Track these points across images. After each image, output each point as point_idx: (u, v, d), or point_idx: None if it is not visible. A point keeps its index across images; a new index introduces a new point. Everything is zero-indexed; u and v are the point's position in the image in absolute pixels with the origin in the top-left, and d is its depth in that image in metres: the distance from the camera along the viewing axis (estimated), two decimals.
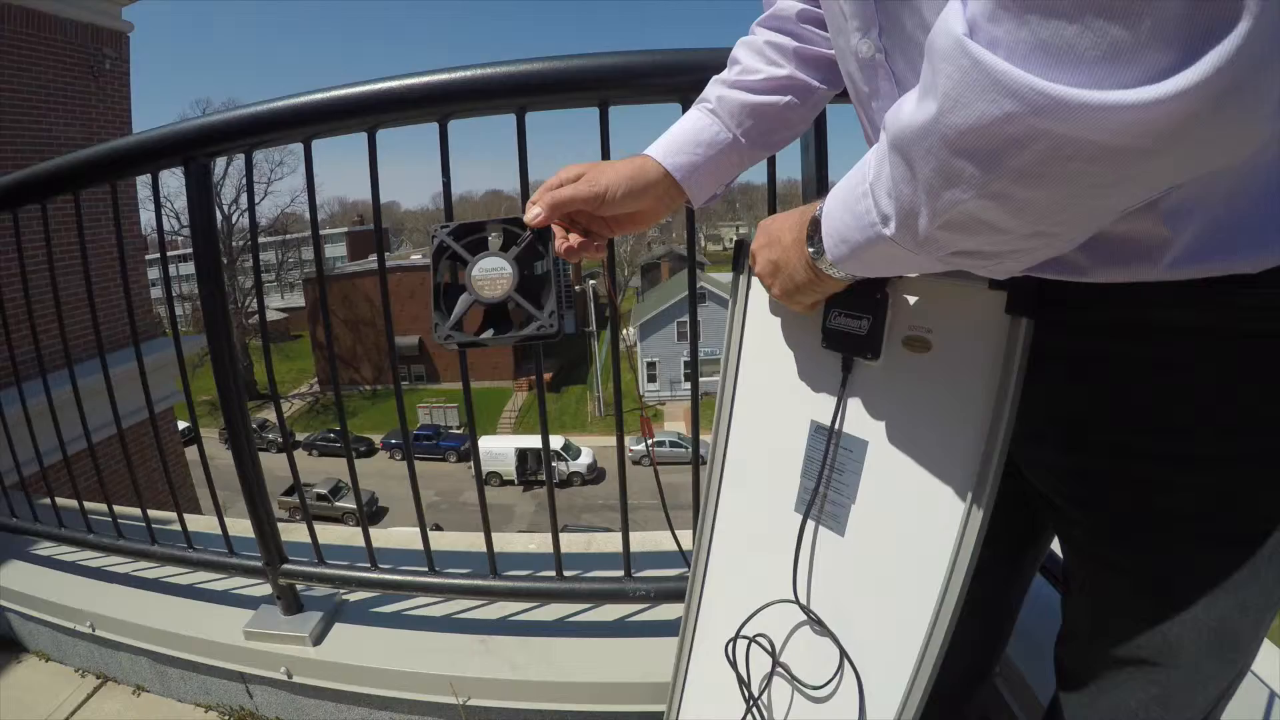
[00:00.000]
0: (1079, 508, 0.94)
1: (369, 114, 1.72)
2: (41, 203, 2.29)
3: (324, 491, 28.03)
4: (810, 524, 1.17)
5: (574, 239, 1.13)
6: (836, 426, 1.12)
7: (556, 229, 1.14)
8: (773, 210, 1.87)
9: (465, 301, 1.14)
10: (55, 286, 2.42)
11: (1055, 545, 1.19)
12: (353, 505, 27.27)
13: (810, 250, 0.91)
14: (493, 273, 1.13)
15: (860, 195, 0.76)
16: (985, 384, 0.94)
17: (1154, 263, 0.75)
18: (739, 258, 1.24)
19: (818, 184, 1.67)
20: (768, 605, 1.23)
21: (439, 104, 1.68)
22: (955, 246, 0.69)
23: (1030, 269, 0.81)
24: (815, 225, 0.88)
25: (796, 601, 1.18)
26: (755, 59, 1.18)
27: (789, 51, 1.16)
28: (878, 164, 0.72)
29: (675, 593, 2.03)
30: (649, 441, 1.66)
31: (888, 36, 0.84)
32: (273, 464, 2.38)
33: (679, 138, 1.17)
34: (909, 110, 0.63)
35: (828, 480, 1.14)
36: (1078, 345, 0.88)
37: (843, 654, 1.12)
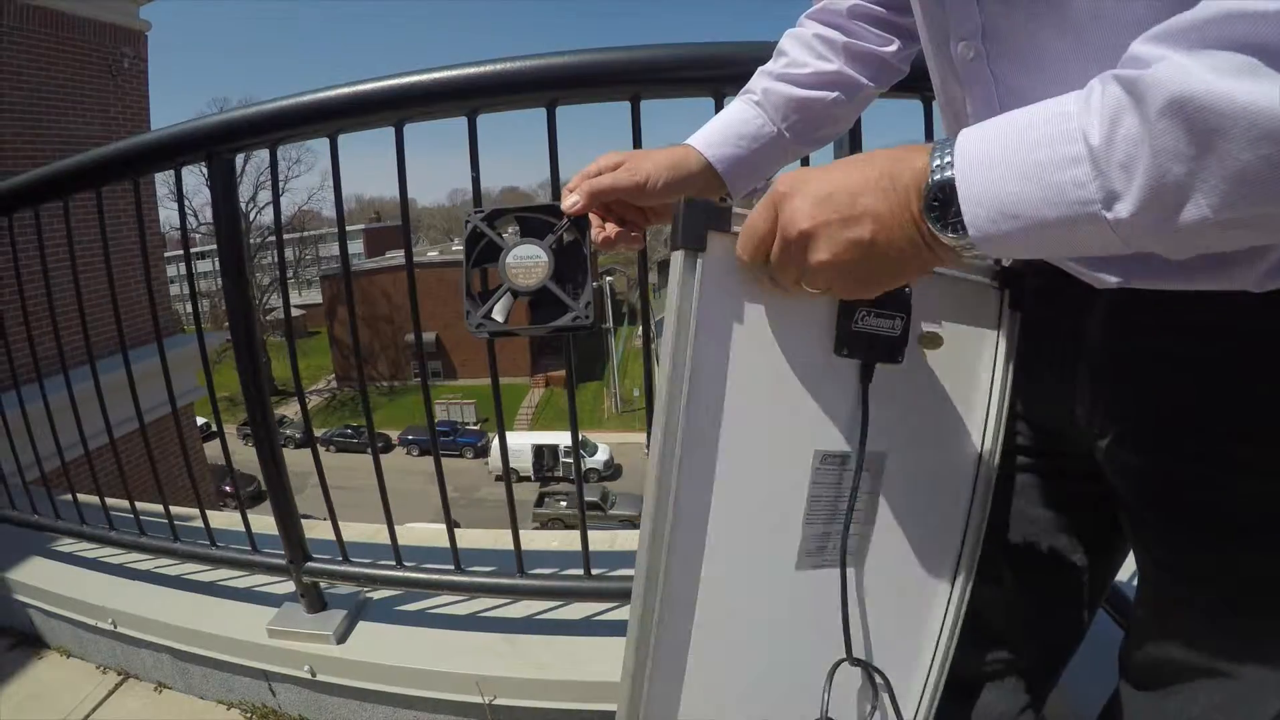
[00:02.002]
0: (1153, 509, 0.92)
1: (397, 108, 1.71)
2: (64, 199, 2.29)
3: (594, 499, 26.70)
4: (825, 571, 1.02)
5: (610, 229, 1.10)
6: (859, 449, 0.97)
7: (593, 218, 1.10)
8: None
9: (500, 290, 1.10)
10: (77, 283, 2.42)
11: None
12: (628, 511, 26.70)
13: (934, 226, 0.69)
14: (528, 261, 1.09)
15: (1065, 161, 0.60)
16: (992, 377, 0.96)
17: (1251, 270, 0.73)
18: (692, 229, 0.84)
19: None
20: (834, 669, 1.03)
21: (468, 98, 1.67)
22: (1218, 246, 0.59)
23: (1137, 277, 0.79)
24: (944, 192, 0.68)
25: (852, 658, 1.03)
26: (803, 52, 1.15)
27: (839, 46, 1.14)
28: (1109, 125, 0.57)
29: None
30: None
31: (991, 40, 0.80)
32: (292, 460, 2.37)
33: (723, 129, 1.15)
34: (1206, 74, 0.52)
35: (850, 513, 1.00)
36: (1163, 346, 0.85)
37: (876, 675, 1.06)
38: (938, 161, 0.68)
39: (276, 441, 2.13)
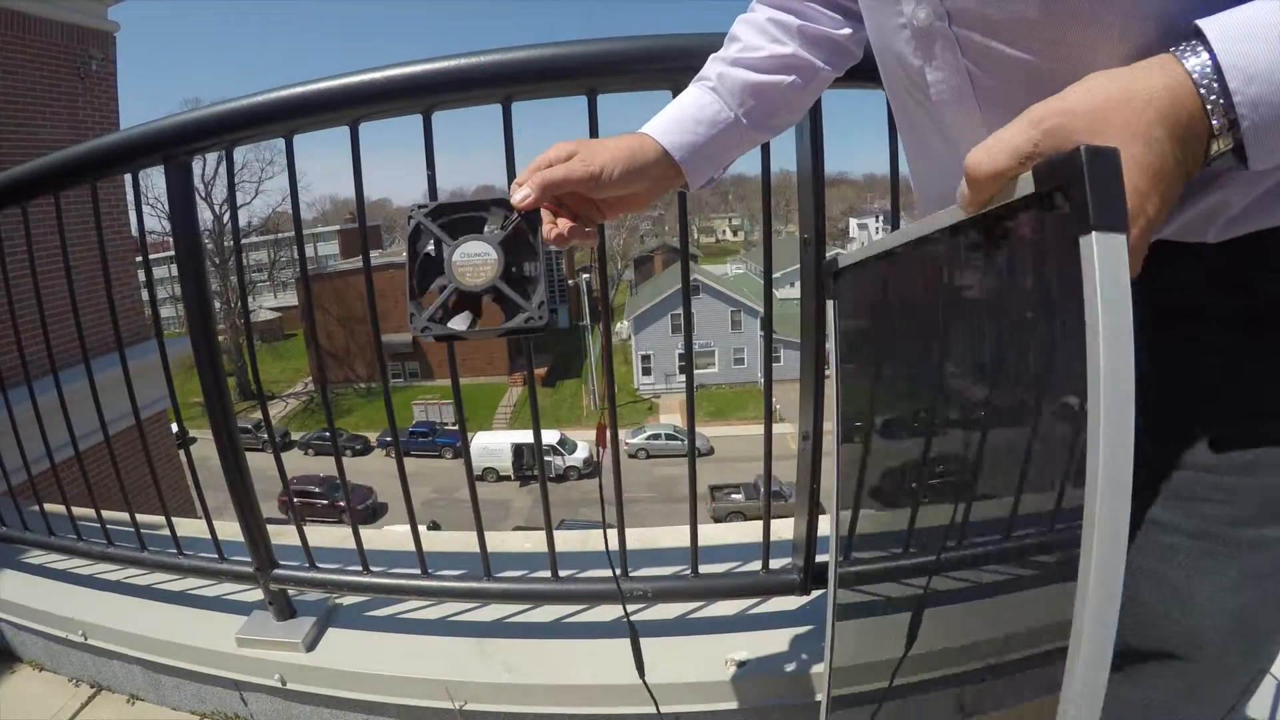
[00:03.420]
0: None
1: (350, 107, 1.68)
2: (22, 206, 2.25)
3: (775, 489, 26.59)
4: None
5: (563, 224, 1.03)
6: None
7: (545, 213, 1.04)
8: (768, 203, 1.82)
9: (445, 290, 1.03)
10: (38, 292, 2.38)
11: None
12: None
13: (1225, 147, 0.59)
14: (476, 259, 1.02)
15: None
16: None
17: (1211, 224, 0.72)
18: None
19: (814, 173, 1.64)
20: None
21: (422, 95, 1.64)
22: None
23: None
24: (1195, 120, 0.58)
25: None
26: (758, 36, 1.14)
27: (793, 29, 1.12)
28: None
29: (672, 592, 2.02)
30: (599, 449, 1.56)
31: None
32: (266, 464, 2.35)
33: (679, 116, 1.12)
34: None
35: None
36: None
37: None
38: (1226, 120, 0.58)
39: (239, 447, 2.10)
